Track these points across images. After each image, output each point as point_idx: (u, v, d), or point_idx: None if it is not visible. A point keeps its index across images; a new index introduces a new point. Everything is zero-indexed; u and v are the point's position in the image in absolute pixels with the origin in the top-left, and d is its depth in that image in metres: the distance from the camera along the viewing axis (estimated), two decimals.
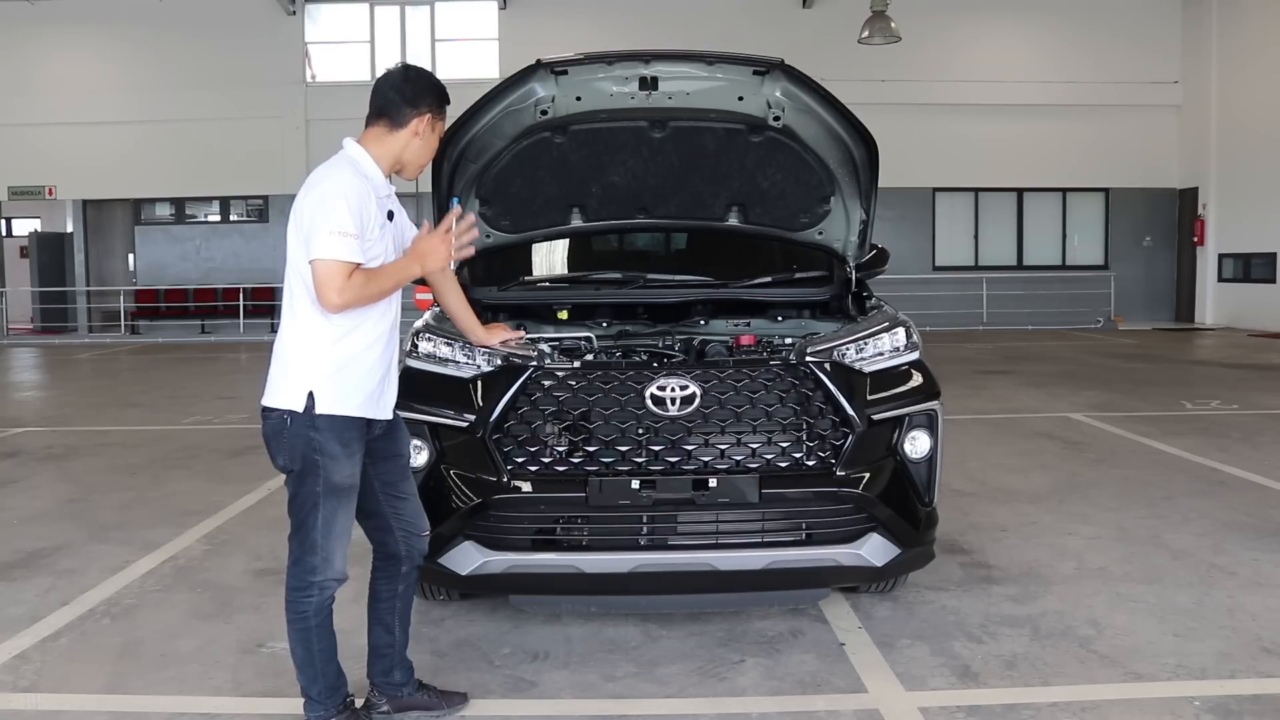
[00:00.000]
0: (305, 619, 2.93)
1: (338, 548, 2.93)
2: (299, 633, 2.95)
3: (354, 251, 2.79)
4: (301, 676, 2.99)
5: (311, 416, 2.83)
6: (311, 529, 2.89)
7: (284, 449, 2.87)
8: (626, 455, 3.50)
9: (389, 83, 2.99)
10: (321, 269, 2.77)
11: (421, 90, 2.98)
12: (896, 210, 18.97)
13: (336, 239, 2.76)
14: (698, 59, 4.04)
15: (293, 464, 2.88)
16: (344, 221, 2.77)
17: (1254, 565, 4.56)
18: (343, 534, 2.94)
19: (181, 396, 10.97)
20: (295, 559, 2.94)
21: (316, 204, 2.82)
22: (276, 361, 2.93)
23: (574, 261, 5.11)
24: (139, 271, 21.16)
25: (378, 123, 2.99)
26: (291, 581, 2.95)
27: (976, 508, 5.64)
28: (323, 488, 2.86)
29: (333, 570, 2.93)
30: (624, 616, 3.96)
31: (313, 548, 2.90)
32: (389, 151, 2.98)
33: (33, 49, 20.23)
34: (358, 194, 2.84)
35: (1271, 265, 18.27)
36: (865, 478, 3.55)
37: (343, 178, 2.87)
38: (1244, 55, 18.78)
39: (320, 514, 2.88)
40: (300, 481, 2.89)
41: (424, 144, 3.02)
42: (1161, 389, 10.49)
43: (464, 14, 20.58)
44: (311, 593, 2.92)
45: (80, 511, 5.85)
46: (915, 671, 3.47)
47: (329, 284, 2.76)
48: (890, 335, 3.85)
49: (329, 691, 2.99)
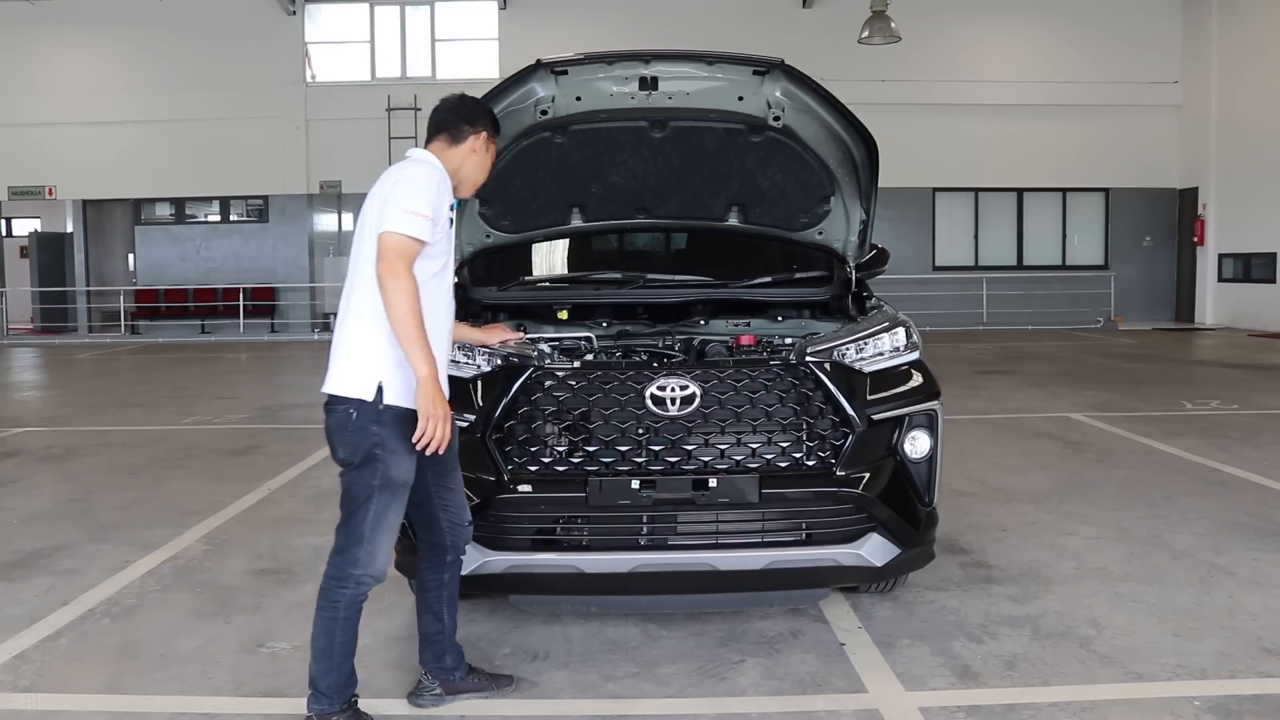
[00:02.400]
0: (335, 608, 2.97)
1: (383, 544, 2.98)
2: (326, 621, 2.98)
3: (423, 230, 2.88)
4: (315, 666, 3.01)
5: (378, 410, 2.90)
6: (361, 521, 2.95)
7: (347, 442, 2.94)
8: (626, 455, 3.50)
9: (446, 105, 3.19)
10: (387, 240, 2.86)
11: (478, 112, 3.19)
12: (896, 210, 18.98)
13: (409, 216, 2.86)
14: (698, 59, 4.04)
15: (354, 457, 2.94)
16: (420, 203, 2.89)
17: (1254, 565, 4.56)
18: (390, 530, 2.99)
19: (181, 396, 10.98)
20: (339, 549, 2.99)
21: (396, 184, 2.94)
22: (344, 351, 2.99)
23: (574, 261, 5.11)
24: (139, 271, 21.16)
25: (437, 138, 3.15)
26: (331, 570, 3.00)
27: (976, 508, 5.64)
28: (379, 482, 2.93)
29: (374, 566, 2.97)
30: (624, 616, 3.96)
31: (359, 540, 2.96)
32: (450, 164, 3.13)
33: (33, 49, 20.24)
34: (437, 184, 2.98)
35: (1271, 265, 18.27)
36: (865, 478, 3.55)
37: (426, 168, 3.03)
38: (1244, 55, 18.78)
39: (372, 508, 2.94)
40: (358, 474, 2.95)
41: (479, 162, 3.19)
42: (1161, 389, 10.49)
43: (464, 14, 20.59)
44: (348, 584, 2.97)
45: (80, 511, 5.85)
46: (915, 671, 3.47)
47: (386, 252, 2.84)
48: (890, 335, 3.85)
49: (338, 688, 3.01)
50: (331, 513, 5.84)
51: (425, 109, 19.84)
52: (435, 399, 2.86)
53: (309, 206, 20.61)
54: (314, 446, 7.71)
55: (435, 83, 20.08)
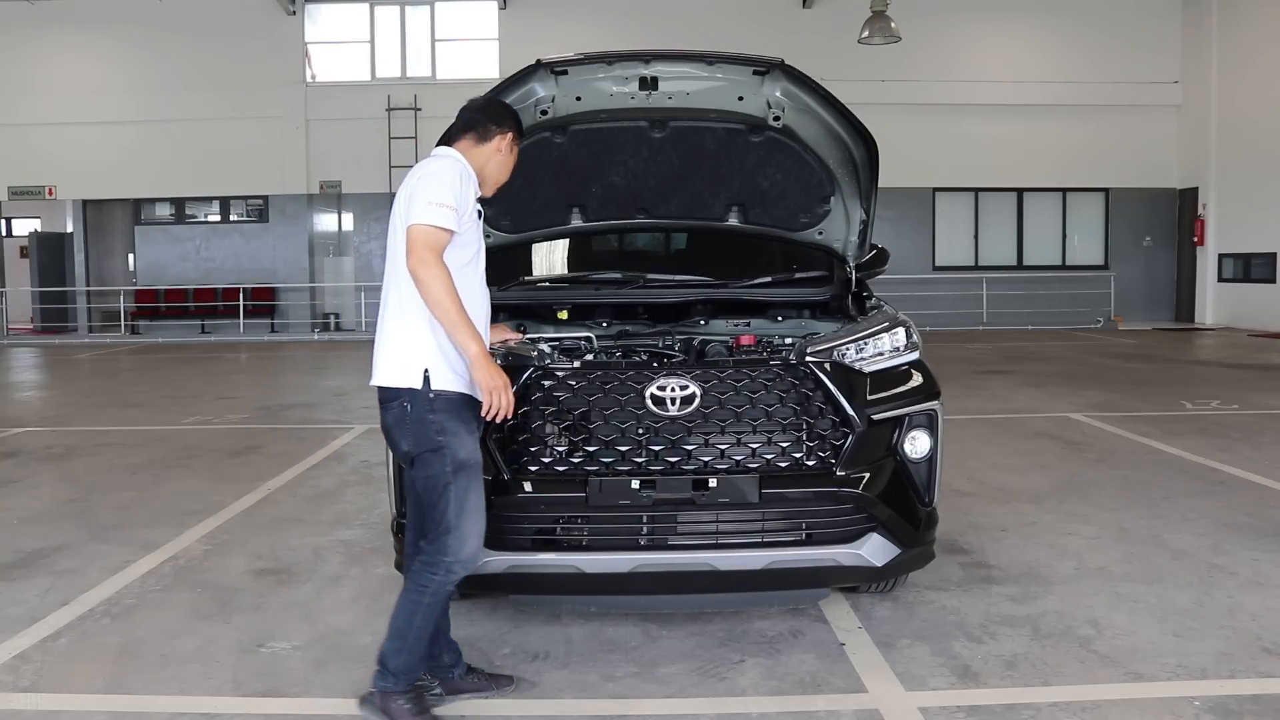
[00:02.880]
0: (422, 592, 3.01)
1: (471, 528, 3.01)
2: (409, 603, 3.02)
3: (449, 220, 2.95)
4: (388, 644, 3.04)
5: (429, 398, 2.95)
6: (445, 510, 2.99)
7: (408, 434, 3.00)
8: (626, 455, 3.50)
9: (473, 106, 3.26)
10: (414, 231, 2.93)
11: (504, 113, 3.27)
12: (896, 210, 18.99)
13: (433, 208, 2.94)
14: (698, 59, 4.04)
15: (418, 447, 2.99)
16: (444, 194, 2.96)
17: (1254, 565, 4.56)
18: (475, 512, 3.02)
19: (181, 396, 10.98)
20: (430, 539, 3.04)
21: (421, 179, 3.02)
22: (387, 344, 3.05)
23: (574, 261, 5.11)
24: (139, 271, 21.15)
25: (465, 136, 3.21)
26: (424, 556, 3.04)
27: (976, 508, 5.64)
28: (451, 467, 2.97)
29: (465, 551, 3.00)
30: (624, 616, 3.96)
31: (447, 528, 2.99)
32: (476, 162, 3.18)
33: (33, 49, 20.24)
34: (461, 176, 3.04)
35: (1271, 265, 18.27)
36: (865, 478, 3.55)
37: (451, 162, 3.10)
38: (1244, 55, 18.78)
39: (452, 495, 2.98)
40: (428, 465, 2.99)
41: (504, 161, 3.26)
42: (1161, 389, 10.49)
43: (464, 14, 20.58)
44: (438, 570, 3.00)
45: (80, 511, 5.85)
46: (915, 671, 3.47)
47: (415, 245, 2.92)
48: (890, 335, 3.85)
49: (405, 669, 3.04)
50: (331, 513, 5.87)
51: (425, 109, 20.04)
52: (491, 371, 2.95)
53: (309, 206, 20.61)
54: (314, 446, 7.71)
55: (435, 83, 20.10)
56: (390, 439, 3.10)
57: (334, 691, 3.37)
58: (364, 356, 13.57)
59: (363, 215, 20.74)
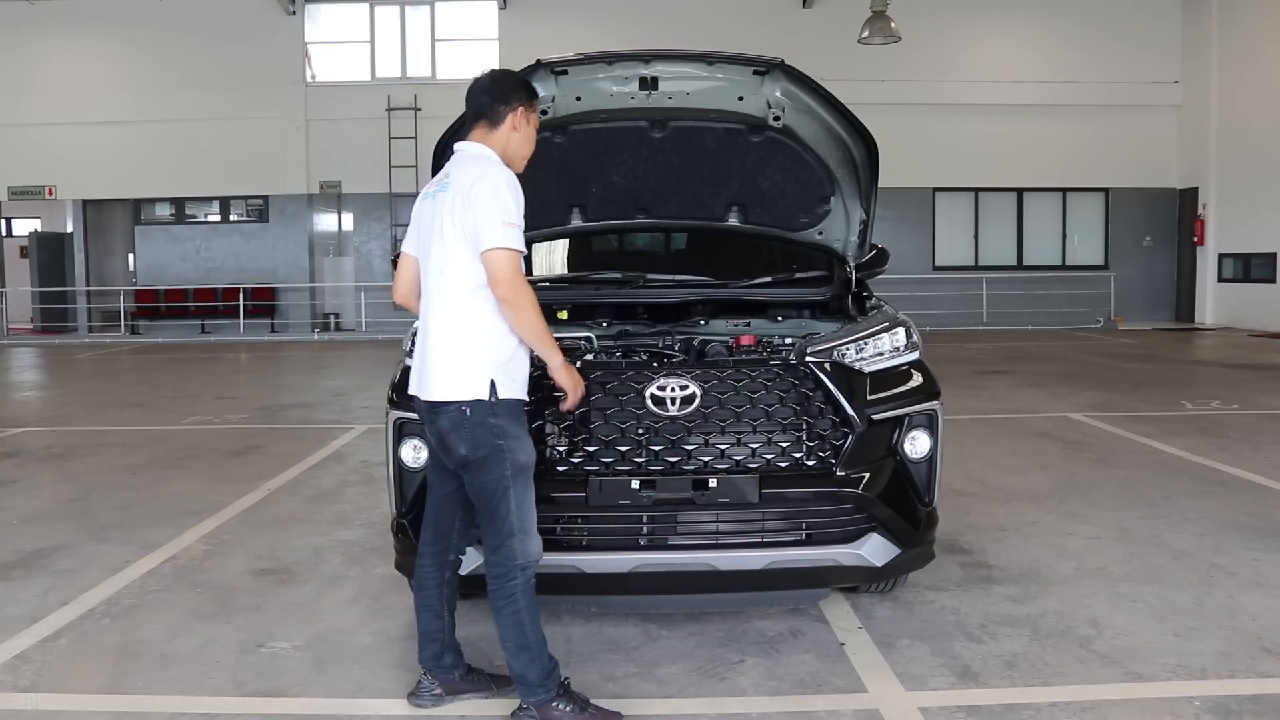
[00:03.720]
0: (514, 602, 2.99)
1: (533, 526, 3.02)
2: (510, 618, 3.00)
3: (521, 239, 2.95)
4: (517, 663, 3.02)
5: (492, 404, 2.94)
6: (507, 514, 2.98)
7: (466, 439, 2.96)
8: (626, 455, 3.50)
9: (478, 87, 3.15)
10: (499, 258, 2.90)
11: (510, 87, 3.15)
12: (896, 210, 18.99)
13: (508, 229, 2.91)
14: (698, 59, 4.04)
15: (477, 452, 2.96)
16: (512, 212, 2.93)
17: (1254, 565, 4.56)
18: (533, 512, 3.03)
19: (181, 396, 10.98)
20: (494, 547, 3.01)
21: (479, 195, 2.94)
22: (447, 358, 2.99)
23: (574, 261, 5.11)
24: (139, 271, 21.15)
25: (477, 126, 3.14)
26: (495, 570, 3.01)
27: (976, 508, 5.64)
28: (511, 471, 2.97)
29: (531, 550, 3.00)
30: (624, 616, 3.96)
31: (510, 531, 2.98)
32: (495, 148, 3.12)
33: (33, 49, 20.23)
34: (515, 185, 3.00)
35: (1271, 265, 18.27)
36: (865, 478, 3.55)
37: (499, 172, 3.00)
38: (1244, 55, 18.78)
39: (512, 498, 2.97)
40: (487, 469, 2.97)
41: (524, 136, 3.17)
42: (1161, 389, 10.49)
43: (464, 14, 20.58)
44: (514, 575, 2.99)
45: (80, 511, 5.85)
46: (915, 671, 3.47)
47: (504, 273, 2.90)
48: (890, 335, 3.85)
49: (546, 674, 3.04)
50: (331, 513, 5.86)
51: (425, 109, 20.03)
52: (574, 372, 3.11)
53: (309, 206, 20.61)
54: (314, 446, 7.71)
55: (435, 83, 20.09)
56: (445, 444, 3.01)
57: (334, 691, 3.38)
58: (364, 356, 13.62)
59: (363, 215, 20.74)
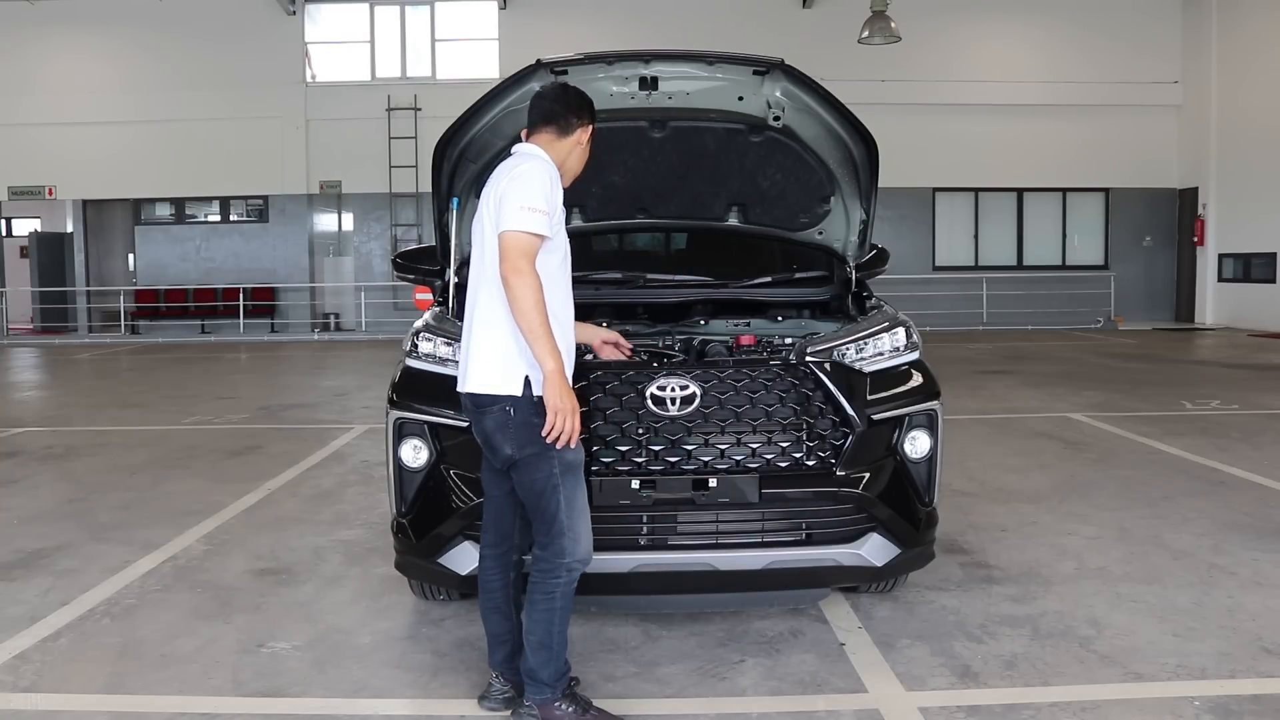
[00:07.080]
0: (551, 599, 2.98)
1: (583, 525, 3.00)
2: (543, 614, 2.99)
3: (542, 225, 2.90)
4: (534, 658, 3.01)
5: (533, 402, 2.92)
6: (556, 511, 2.96)
7: (512, 438, 2.95)
8: (626, 455, 3.50)
9: (551, 94, 3.18)
10: (508, 240, 2.88)
11: (583, 104, 3.17)
12: (896, 210, 18.99)
13: (527, 213, 2.89)
14: (698, 59, 4.04)
15: (523, 450, 2.94)
16: (535, 198, 2.90)
17: (1254, 565, 4.56)
18: (584, 511, 3.01)
19: (181, 396, 10.97)
20: (543, 545, 3.00)
21: (511, 182, 2.95)
22: (484, 351, 2.99)
23: (574, 261, 5.09)
24: (139, 271, 21.16)
25: (545, 130, 3.13)
26: (540, 565, 3.00)
27: (976, 508, 5.64)
28: (559, 469, 2.95)
29: (580, 550, 2.98)
30: (624, 616, 3.96)
31: (560, 530, 2.96)
32: (557, 156, 3.11)
33: (33, 49, 20.23)
34: (551, 178, 2.99)
35: (1271, 265, 18.27)
36: (865, 478, 3.55)
37: (539, 163, 3.02)
38: (1244, 55, 18.78)
39: (561, 496, 2.96)
40: (534, 468, 2.96)
41: (584, 153, 3.19)
42: (1161, 389, 10.49)
43: (464, 14, 20.58)
44: (559, 574, 2.98)
45: (80, 511, 5.85)
46: (915, 671, 3.47)
47: (509, 253, 2.87)
48: (890, 335, 3.85)
49: (558, 675, 3.03)
50: (331, 513, 5.86)
51: (425, 109, 20.03)
52: (563, 393, 2.88)
53: (309, 206, 20.62)
54: (314, 446, 7.71)
55: (435, 83, 20.10)
56: (490, 444, 3.00)
57: (334, 691, 3.38)
58: (364, 356, 13.64)
59: (363, 215, 20.74)
